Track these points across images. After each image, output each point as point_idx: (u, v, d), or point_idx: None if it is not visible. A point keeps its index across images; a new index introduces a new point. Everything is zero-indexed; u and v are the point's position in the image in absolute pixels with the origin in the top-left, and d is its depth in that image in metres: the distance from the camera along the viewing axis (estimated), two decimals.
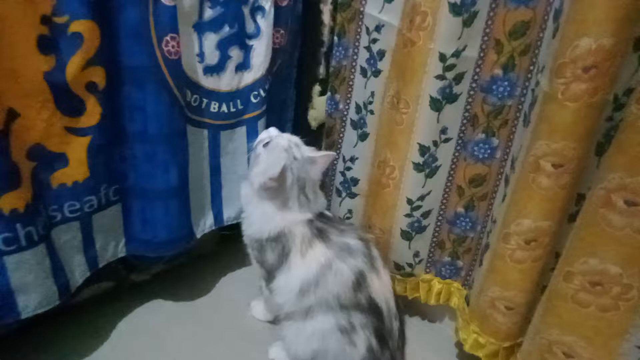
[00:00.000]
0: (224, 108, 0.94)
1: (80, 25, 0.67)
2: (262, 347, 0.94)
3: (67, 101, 0.70)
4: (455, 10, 0.72)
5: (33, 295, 0.73)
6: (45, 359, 0.87)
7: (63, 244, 0.79)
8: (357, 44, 0.92)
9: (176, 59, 0.80)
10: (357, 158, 1.00)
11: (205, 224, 1.01)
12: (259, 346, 0.94)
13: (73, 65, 0.68)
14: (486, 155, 0.85)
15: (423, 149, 0.85)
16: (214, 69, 0.89)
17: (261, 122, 0.99)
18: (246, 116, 0.97)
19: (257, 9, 0.90)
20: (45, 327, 0.88)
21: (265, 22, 0.91)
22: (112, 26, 0.71)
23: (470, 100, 0.81)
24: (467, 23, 0.74)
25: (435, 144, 0.85)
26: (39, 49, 0.65)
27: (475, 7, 0.73)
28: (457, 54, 0.76)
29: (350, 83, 0.95)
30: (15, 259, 0.69)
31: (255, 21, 0.91)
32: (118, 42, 0.73)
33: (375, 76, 0.89)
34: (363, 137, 0.98)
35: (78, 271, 0.83)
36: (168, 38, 0.77)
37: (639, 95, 0.54)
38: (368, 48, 0.91)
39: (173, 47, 0.78)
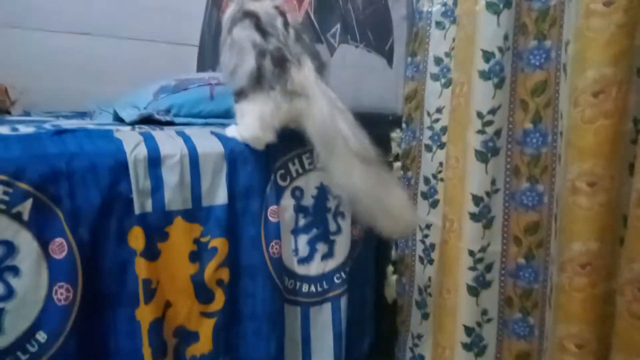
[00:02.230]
0: (313, 288, 1.17)
1: (217, 242, 0.98)
2: None
3: (203, 293, 0.97)
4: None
5: None
6: None
7: None
8: (414, 237, 1.16)
9: (278, 257, 1.08)
10: None
11: None
12: None
13: (209, 269, 0.97)
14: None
15: None
16: (305, 260, 1.15)
17: (344, 299, 1.20)
18: (331, 294, 1.20)
19: (338, 214, 1.19)
20: None
21: (344, 223, 1.19)
22: (236, 239, 1.02)
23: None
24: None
25: None
26: (190, 259, 0.96)
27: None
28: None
29: (412, 269, 1.17)
30: None
31: (336, 222, 1.19)
32: (239, 250, 1.02)
33: (430, 264, 1.11)
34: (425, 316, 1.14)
35: None
36: (273, 243, 1.06)
37: None
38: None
39: (276, 249, 1.07)
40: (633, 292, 0.71)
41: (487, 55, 0.91)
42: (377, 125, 1.26)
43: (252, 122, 0.98)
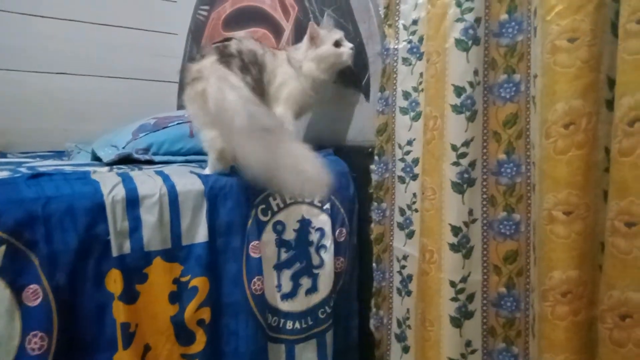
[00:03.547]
0: (297, 325, 1.16)
1: (197, 281, 0.96)
2: None
3: (183, 335, 0.94)
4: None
5: None
6: None
7: None
8: (391, 269, 1.17)
9: (261, 293, 1.06)
10: None
11: None
12: None
13: (190, 309, 0.94)
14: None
15: None
16: (289, 295, 1.14)
17: (329, 334, 1.18)
18: (316, 330, 1.18)
19: (320, 247, 1.19)
20: None
21: (327, 255, 1.19)
22: (217, 277, 1.01)
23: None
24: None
25: None
26: (169, 300, 0.94)
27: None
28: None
29: (390, 300, 1.17)
30: None
31: (319, 255, 1.19)
32: (221, 288, 1.01)
33: (408, 295, 1.11)
34: (406, 349, 1.13)
35: None
36: (255, 279, 1.05)
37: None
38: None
39: (259, 286, 1.05)
40: (613, 319, 0.72)
41: (459, 90, 0.93)
42: (357, 158, 1.29)
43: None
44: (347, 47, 1.21)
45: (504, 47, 0.94)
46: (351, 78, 1.29)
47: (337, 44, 1.20)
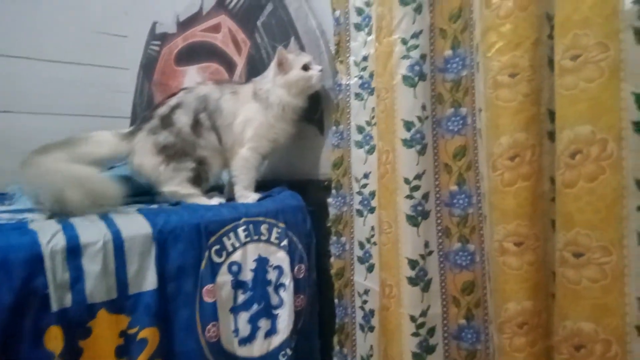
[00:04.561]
0: None
1: (146, 332, 0.91)
2: None
3: None
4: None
5: None
6: None
7: None
8: (353, 304, 1.15)
9: (216, 340, 1.01)
10: None
11: None
12: None
13: None
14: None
15: None
16: (247, 340, 1.09)
17: None
18: None
19: (279, 286, 1.15)
20: None
21: (286, 294, 1.15)
22: (168, 326, 0.95)
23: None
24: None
25: None
26: (116, 355, 0.88)
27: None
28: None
29: (353, 337, 1.15)
30: None
31: (278, 295, 1.15)
32: (173, 337, 0.95)
33: (371, 331, 1.09)
34: None
35: None
36: (210, 326, 1.00)
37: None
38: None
39: (214, 332, 1.00)
40: (569, 349, 0.72)
41: (408, 125, 0.94)
42: (313, 191, 1.28)
43: None
44: (316, 70, 1.20)
45: (450, 82, 0.96)
46: (305, 112, 1.29)
47: (306, 67, 1.20)
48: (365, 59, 1.11)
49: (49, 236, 0.84)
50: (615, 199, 0.66)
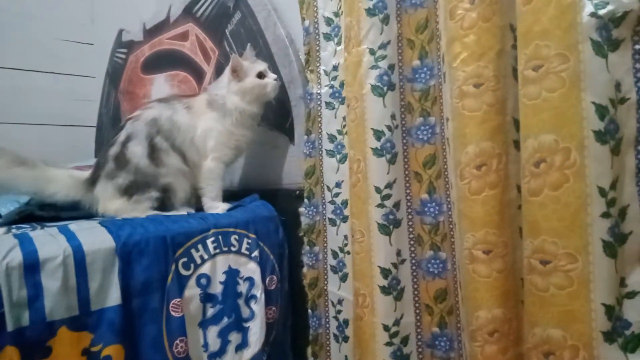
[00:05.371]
0: None
1: (110, 349, 0.87)
2: None
3: None
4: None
5: None
6: None
7: None
8: (327, 314, 1.13)
9: (184, 356, 0.98)
10: None
11: None
12: None
13: None
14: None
15: None
16: (217, 354, 1.06)
17: None
18: None
19: (250, 298, 1.13)
20: None
21: (258, 306, 1.13)
22: (134, 343, 0.92)
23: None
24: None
25: None
26: None
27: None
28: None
29: (328, 348, 1.13)
30: None
31: (249, 307, 1.12)
32: (138, 354, 0.91)
33: (345, 341, 1.08)
34: None
35: None
36: (177, 341, 0.96)
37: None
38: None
39: (182, 347, 0.97)
40: (538, 356, 0.73)
41: (378, 134, 0.94)
42: (285, 201, 1.26)
43: None
44: (271, 79, 1.19)
45: (418, 91, 0.97)
46: (275, 121, 1.28)
47: (261, 75, 1.18)
48: (335, 68, 1.11)
49: (5, 252, 0.80)
50: (579, 206, 0.67)
